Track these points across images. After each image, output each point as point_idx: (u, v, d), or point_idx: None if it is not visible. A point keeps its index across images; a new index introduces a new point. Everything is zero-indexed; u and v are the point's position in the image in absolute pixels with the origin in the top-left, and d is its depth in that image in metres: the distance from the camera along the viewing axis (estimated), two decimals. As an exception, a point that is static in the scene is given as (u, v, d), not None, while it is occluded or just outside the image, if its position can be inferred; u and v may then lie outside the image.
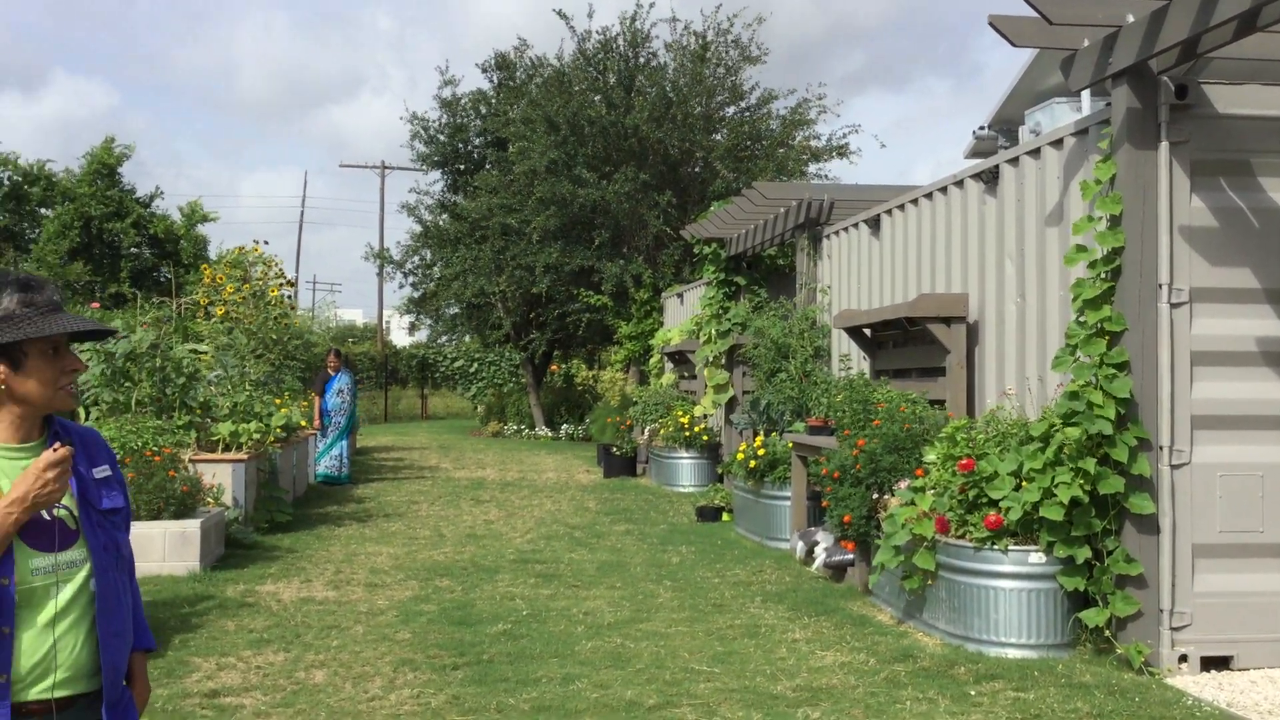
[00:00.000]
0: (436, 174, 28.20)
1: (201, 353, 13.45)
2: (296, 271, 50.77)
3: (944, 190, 9.27)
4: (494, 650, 6.84)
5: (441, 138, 27.38)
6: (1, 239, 36.80)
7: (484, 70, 27.00)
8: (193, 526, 9.29)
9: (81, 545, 2.51)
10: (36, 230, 37.57)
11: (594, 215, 22.53)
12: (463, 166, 27.62)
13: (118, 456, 9.32)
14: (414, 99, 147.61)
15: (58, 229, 35.89)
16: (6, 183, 36.73)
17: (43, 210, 37.83)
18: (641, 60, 23.31)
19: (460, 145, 27.60)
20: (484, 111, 26.82)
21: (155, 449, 9.69)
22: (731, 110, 23.62)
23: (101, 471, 2.64)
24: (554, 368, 29.19)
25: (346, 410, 16.78)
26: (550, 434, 26.59)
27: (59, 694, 2.43)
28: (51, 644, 2.42)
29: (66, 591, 2.45)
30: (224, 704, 5.78)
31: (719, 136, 23.24)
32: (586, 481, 16.89)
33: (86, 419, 11.28)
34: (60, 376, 2.51)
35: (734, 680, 6.16)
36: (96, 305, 15.54)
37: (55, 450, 2.39)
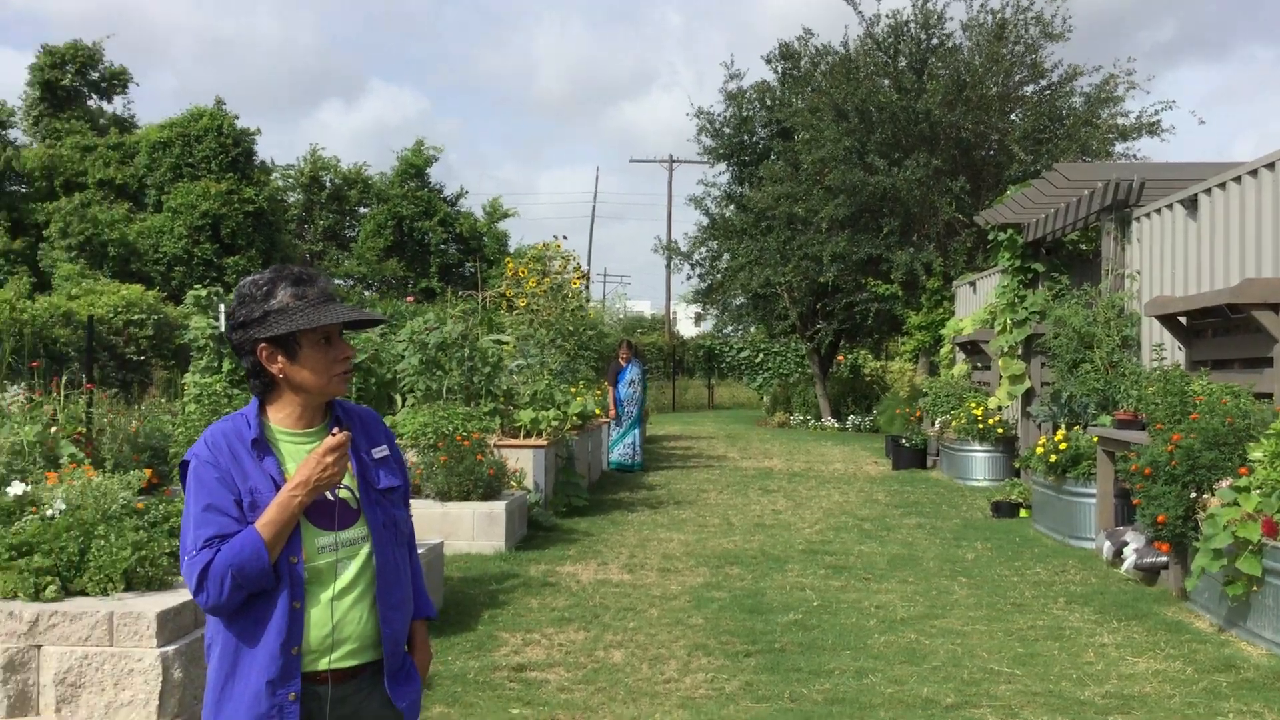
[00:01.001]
0: (723, 166, 28.46)
1: (504, 343, 14.13)
2: (589, 264, 52.54)
3: (1271, 166, 8.54)
4: (785, 639, 6.86)
5: (727, 130, 27.61)
6: (326, 238, 39.94)
7: (768, 61, 27.05)
8: (498, 508, 9.79)
9: (362, 523, 2.66)
10: (355, 229, 40.55)
11: (883, 203, 22.13)
12: (748, 158, 27.74)
13: (433, 441, 9.92)
14: (701, 93, 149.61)
15: (374, 228, 38.60)
16: (329, 186, 39.80)
17: (361, 210, 40.79)
18: (934, 42, 22.68)
19: (745, 137, 27.74)
20: (769, 103, 26.87)
21: (464, 434, 10.26)
22: (1030, 89, 22.62)
23: (380, 451, 2.78)
24: (840, 358, 28.91)
25: (638, 400, 17.21)
26: (836, 425, 26.35)
27: (347, 664, 2.59)
28: (337, 617, 2.57)
29: (350, 568, 2.61)
30: (530, 678, 6.07)
31: (1016, 117, 22.31)
32: (874, 473, 16.64)
33: (403, 405, 12.08)
34: (333, 365, 2.65)
35: (1037, 683, 5.92)
36: (411, 299, 16.59)
37: (333, 435, 2.55)
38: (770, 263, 24.22)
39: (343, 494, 2.65)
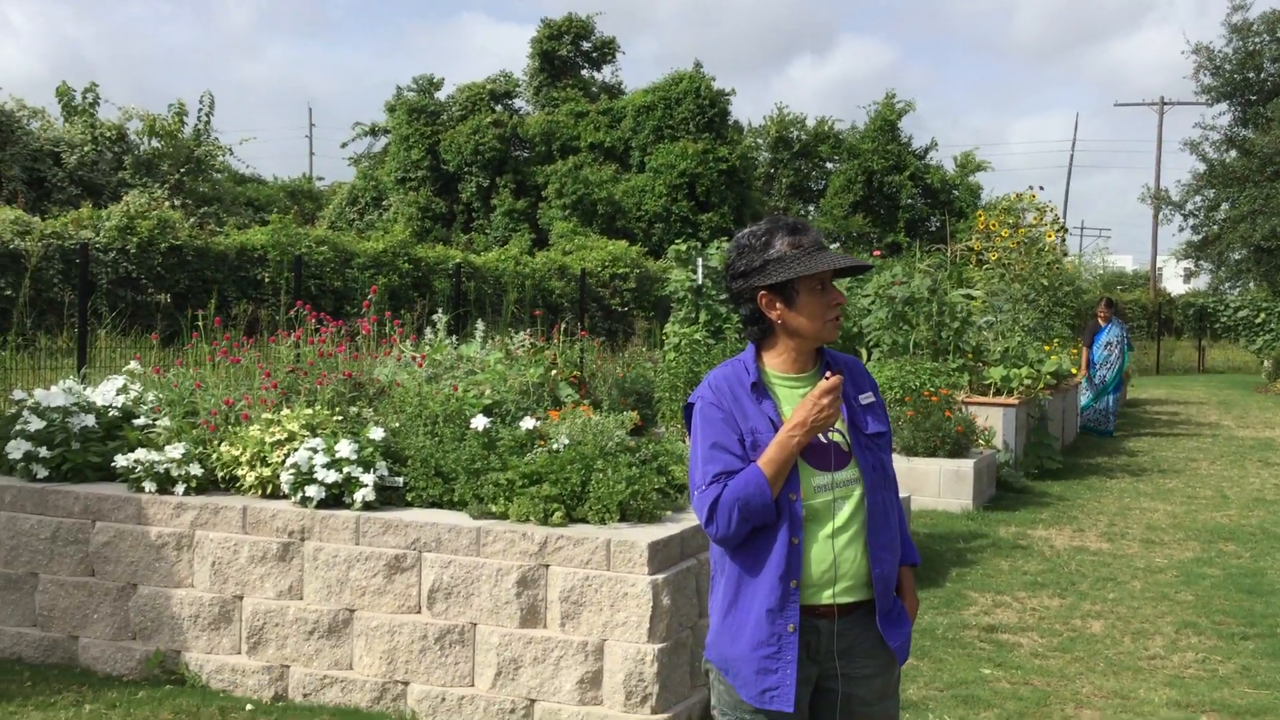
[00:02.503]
0: (1223, 106, 25.95)
1: (973, 298, 13.76)
2: (1065, 217, 49.85)
3: None
4: (1291, 626, 6.23)
5: (1229, 67, 25.06)
6: (790, 194, 40.70)
7: (1285, -15, 24.22)
8: (966, 466, 9.60)
9: (854, 466, 2.73)
10: (822, 184, 40.95)
11: None
12: (1254, 97, 25.04)
13: (899, 395, 9.92)
14: (1200, 28, 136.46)
15: (842, 183, 38.79)
16: (797, 143, 40.43)
17: (827, 166, 41.12)
18: None
19: (1252, 74, 25.06)
20: (1282, 33, 24.09)
21: (932, 390, 10.14)
22: None
23: (866, 398, 2.84)
24: (1362, 320, 25.55)
25: (1114, 364, 16.14)
26: (1355, 395, 23.35)
27: (845, 600, 2.69)
28: (834, 555, 2.66)
29: (845, 508, 2.69)
30: (1001, 640, 5.94)
31: None
32: (1404, 451, 14.58)
33: (869, 359, 12.12)
34: (827, 310, 2.74)
35: None
36: (878, 253, 16.57)
37: (828, 379, 2.63)
38: (1277, 212, 21.80)
39: (835, 437, 2.74)
